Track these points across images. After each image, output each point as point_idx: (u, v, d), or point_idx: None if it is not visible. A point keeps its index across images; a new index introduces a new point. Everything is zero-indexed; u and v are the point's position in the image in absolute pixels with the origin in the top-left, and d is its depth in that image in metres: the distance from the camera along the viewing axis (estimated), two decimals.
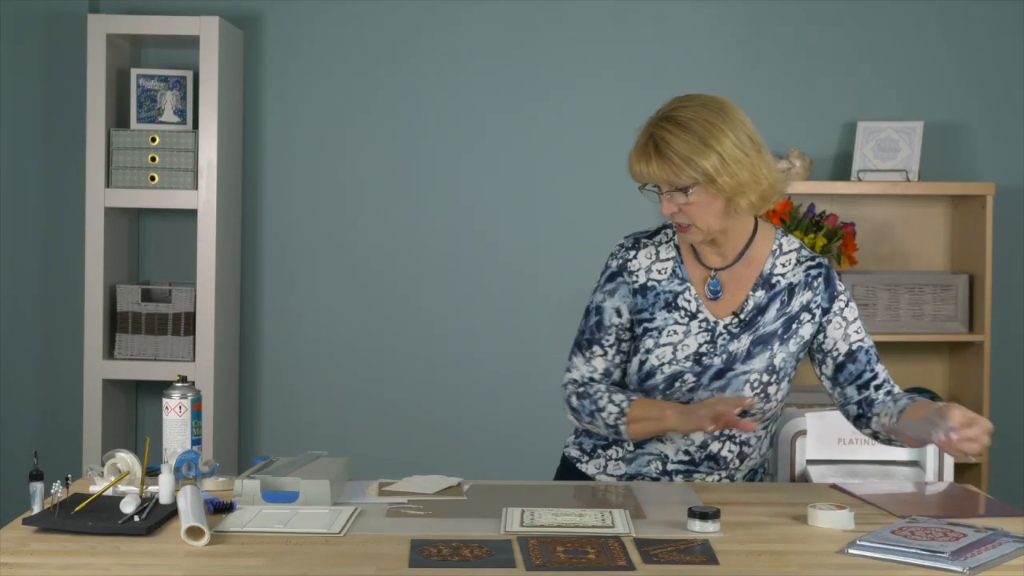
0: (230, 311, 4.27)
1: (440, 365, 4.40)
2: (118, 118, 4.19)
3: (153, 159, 4.09)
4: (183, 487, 2.28)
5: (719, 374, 2.59)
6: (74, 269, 4.25)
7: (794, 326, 2.61)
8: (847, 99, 4.37)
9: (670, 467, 2.65)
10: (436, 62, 4.37)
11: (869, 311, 4.16)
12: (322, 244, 4.40)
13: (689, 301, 2.63)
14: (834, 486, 2.64)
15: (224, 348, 4.19)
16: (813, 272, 2.63)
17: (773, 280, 2.62)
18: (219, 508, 2.33)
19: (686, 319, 2.62)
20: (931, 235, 4.36)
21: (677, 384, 2.60)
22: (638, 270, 2.67)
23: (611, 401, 2.62)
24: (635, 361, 2.65)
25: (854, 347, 2.61)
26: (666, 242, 2.69)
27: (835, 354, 2.62)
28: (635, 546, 2.14)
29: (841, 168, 4.37)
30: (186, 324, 4.11)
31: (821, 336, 2.63)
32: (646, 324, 2.64)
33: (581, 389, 2.67)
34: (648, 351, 2.62)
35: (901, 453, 2.85)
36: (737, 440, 2.64)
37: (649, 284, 2.65)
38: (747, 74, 4.37)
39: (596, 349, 2.68)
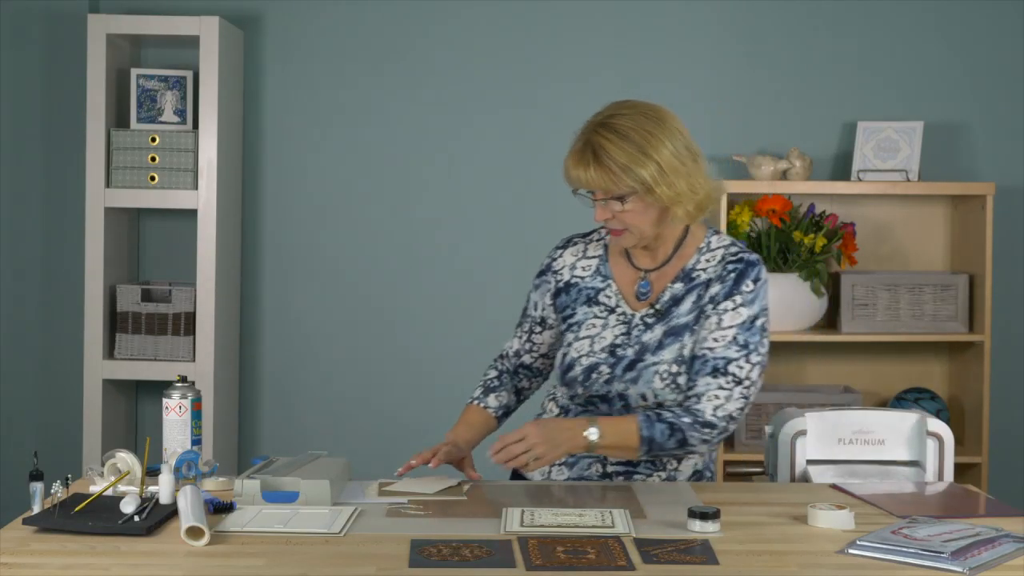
0: (230, 311, 4.27)
1: (440, 365, 4.40)
2: (118, 118, 4.19)
3: (153, 159, 4.09)
4: (183, 487, 2.28)
5: (631, 365, 2.60)
6: (74, 269, 4.25)
7: (702, 318, 2.60)
8: (847, 99, 4.37)
9: (610, 468, 2.67)
10: (436, 62, 4.37)
11: (869, 311, 4.17)
12: (322, 244, 4.40)
13: (610, 297, 2.67)
14: (834, 486, 2.64)
15: (224, 348, 4.19)
16: (730, 267, 2.59)
17: (694, 275, 2.63)
18: (219, 508, 2.33)
19: (605, 313, 2.66)
20: (931, 235, 4.36)
21: (594, 376, 2.63)
22: (562, 268, 2.73)
23: (474, 390, 2.83)
24: (559, 355, 2.69)
25: (699, 352, 2.55)
26: (597, 240, 2.74)
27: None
28: (635, 546, 2.14)
29: (841, 168, 4.37)
30: (186, 324, 4.11)
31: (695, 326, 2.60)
32: (569, 320, 2.69)
33: (495, 361, 2.89)
34: (569, 345, 2.67)
35: (901, 453, 2.85)
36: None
37: (572, 281, 2.71)
38: (747, 74, 4.37)
39: (518, 331, 2.84)
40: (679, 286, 2.62)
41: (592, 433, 2.51)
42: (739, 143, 4.36)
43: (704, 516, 2.24)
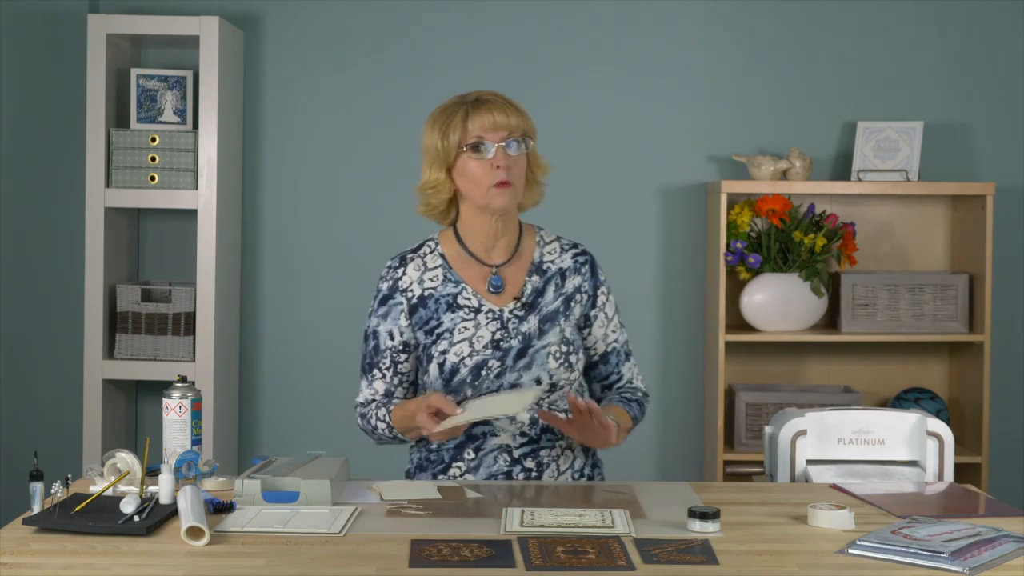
0: (230, 311, 4.27)
1: None
2: (118, 118, 4.19)
3: (153, 159, 4.09)
4: (183, 487, 2.28)
5: (521, 353, 2.68)
6: (74, 269, 4.25)
7: (571, 304, 2.76)
8: (847, 99, 4.37)
9: (516, 454, 2.69)
10: (436, 62, 4.37)
11: (869, 311, 4.17)
12: (322, 244, 4.40)
13: (469, 299, 2.73)
14: (834, 486, 2.64)
15: (224, 348, 4.19)
16: (580, 259, 2.81)
17: (544, 267, 2.78)
18: (219, 508, 2.33)
19: (472, 315, 2.71)
20: (931, 235, 4.36)
21: (483, 373, 2.67)
22: (410, 285, 2.76)
23: (378, 419, 2.75)
24: (433, 365, 2.70)
25: (609, 349, 2.81)
26: (431, 252, 2.80)
27: (592, 353, 2.81)
28: (635, 546, 2.14)
29: (841, 168, 4.37)
30: (186, 324, 4.11)
31: (587, 331, 2.79)
32: (436, 330, 2.71)
33: (363, 411, 2.79)
34: (444, 352, 2.69)
35: (901, 453, 2.86)
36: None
37: (426, 293, 2.74)
38: (747, 74, 4.37)
39: (376, 372, 2.78)
40: (536, 279, 2.76)
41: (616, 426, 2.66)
42: (739, 143, 4.36)
43: (704, 516, 2.24)
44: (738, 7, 4.36)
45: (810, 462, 2.84)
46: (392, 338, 2.75)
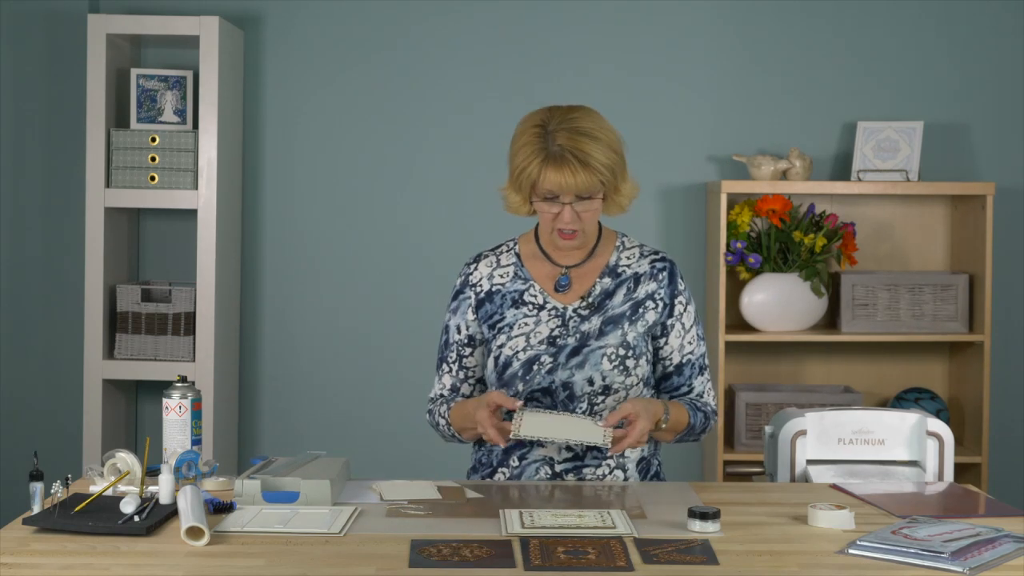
0: (230, 311, 4.27)
1: None
2: (118, 118, 4.19)
3: (153, 159, 4.09)
4: (183, 487, 2.28)
5: (575, 351, 2.66)
6: (74, 269, 4.25)
7: (640, 310, 2.71)
8: (847, 99, 4.37)
9: (558, 467, 2.68)
10: (436, 61, 4.37)
11: (869, 311, 4.17)
12: (322, 244, 4.40)
13: (535, 296, 2.73)
14: (834, 486, 2.64)
15: (224, 348, 4.19)
16: (658, 265, 2.75)
17: (619, 270, 2.74)
18: (219, 508, 2.33)
19: (535, 311, 2.71)
20: (931, 235, 4.36)
21: (535, 368, 2.66)
22: (480, 280, 2.77)
23: (440, 415, 2.76)
24: (491, 360, 2.71)
25: (684, 360, 2.74)
26: (507, 251, 2.80)
27: (667, 363, 2.75)
28: (635, 546, 2.14)
29: (841, 168, 4.37)
30: (186, 324, 4.11)
31: (662, 340, 2.74)
32: (499, 324, 2.72)
33: (431, 407, 2.81)
34: (501, 346, 2.70)
35: (901, 453, 2.86)
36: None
37: (494, 289, 2.75)
38: (747, 74, 4.37)
39: (444, 367, 2.81)
40: (608, 280, 2.73)
41: (664, 414, 2.62)
42: (739, 143, 4.36)
43: (704, 516, 2.24)
44: (738, 7, 4.36)
45: (810, 462, 2.84)
46: (459, 332, 2.77)
